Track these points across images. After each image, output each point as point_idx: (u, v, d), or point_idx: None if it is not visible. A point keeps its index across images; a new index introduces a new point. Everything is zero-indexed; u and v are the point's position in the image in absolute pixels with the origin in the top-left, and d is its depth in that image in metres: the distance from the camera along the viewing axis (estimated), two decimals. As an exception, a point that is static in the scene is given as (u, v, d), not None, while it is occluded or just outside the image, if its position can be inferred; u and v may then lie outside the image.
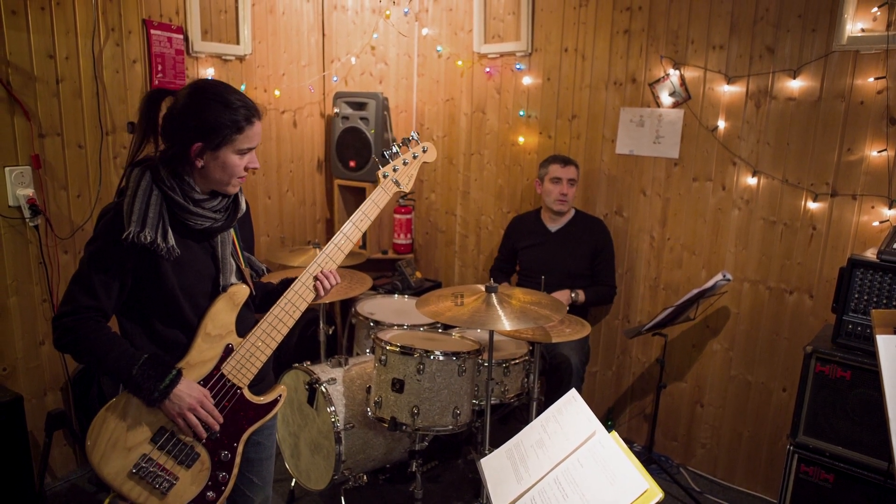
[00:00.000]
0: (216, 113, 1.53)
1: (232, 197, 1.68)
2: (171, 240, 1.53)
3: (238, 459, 1.68)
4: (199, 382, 1.61)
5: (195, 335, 1.62)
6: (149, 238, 1.48)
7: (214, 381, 1.63)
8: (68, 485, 2.93)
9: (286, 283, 1.82)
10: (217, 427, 1.62)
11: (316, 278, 1.74)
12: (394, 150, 1.89)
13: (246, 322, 1.71)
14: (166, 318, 1.60)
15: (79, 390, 2.92)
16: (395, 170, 1.86)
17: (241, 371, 1.66)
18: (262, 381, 1.77)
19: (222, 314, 1.64)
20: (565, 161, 3.23)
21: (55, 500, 2.83)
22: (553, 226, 3.33)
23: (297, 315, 1.71)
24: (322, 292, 1.76)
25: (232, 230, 1.71)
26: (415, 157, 1.91)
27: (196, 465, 1.62)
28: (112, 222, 1.52)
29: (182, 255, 1.56)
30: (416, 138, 1.92)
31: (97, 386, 2.90)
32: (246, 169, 1.62)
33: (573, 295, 3.14)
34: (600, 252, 3.27)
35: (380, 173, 1.85)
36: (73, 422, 2.95)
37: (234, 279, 1.69)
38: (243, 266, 1.75)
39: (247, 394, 1.68)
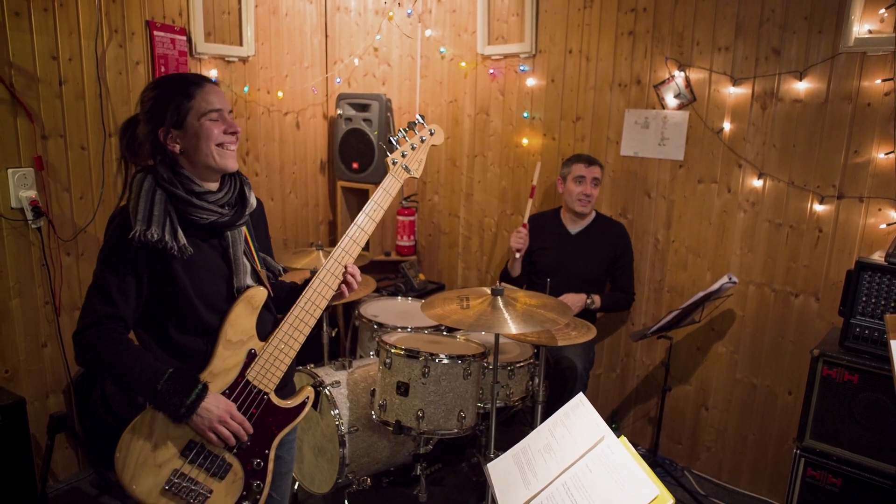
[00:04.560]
0: (161, 92, 1.55)
1: (238, 190, 1.64)
2: (182, 238, 1.50)
3: (271, 466, 1.64)
4: (224, 391, 1.57)
5: (216, 343, 1.58)
6: (156, 236, 1.46)
7: (240, 388, 1.59)
8: (70, 487, 2.92)
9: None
10: (246, 437, 1.58)
11: (342, 274, 1.72)
12: (399, 135, 1.82)
13: (266, 324, 1.68)
14: (182, 324, 1.57)
15: (81, 393, 2.91)
16: (403, 155, 1.80)
17: (267, 376, 1.62)
18: (287, 385, 1.74)
19: (242, 319, 1.60)
20: (590, 161, 3.14)
21: (57, 502, 2.82)
22: (573, 228, 3.24)
23: (318, 314, 1.67)
24: (346, 290, 1.75)
25: (245, 229, 1.67)
26: (422, 141, 1.84)
27: (229, 476, 1.58)
28: (120, 226, 1.50)
29: (192, 254, 1.53)
30: (421, 121, 1.86)
31: (100, 388, 2.89)
32: (227, 133, 1.57)
33: (588, 301, 3.07)
34: (620, 257, 3.20)
35: (388, 160, 1.79)
36: (76, 424, 2.94)
37: (249, 281, 1.64)
38: (259, 267, 1.70)
39: (274, 398, 1.64)
